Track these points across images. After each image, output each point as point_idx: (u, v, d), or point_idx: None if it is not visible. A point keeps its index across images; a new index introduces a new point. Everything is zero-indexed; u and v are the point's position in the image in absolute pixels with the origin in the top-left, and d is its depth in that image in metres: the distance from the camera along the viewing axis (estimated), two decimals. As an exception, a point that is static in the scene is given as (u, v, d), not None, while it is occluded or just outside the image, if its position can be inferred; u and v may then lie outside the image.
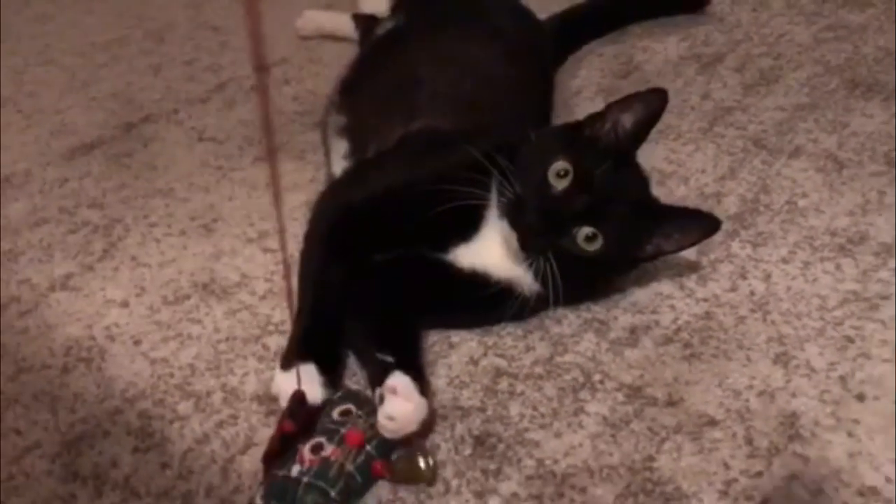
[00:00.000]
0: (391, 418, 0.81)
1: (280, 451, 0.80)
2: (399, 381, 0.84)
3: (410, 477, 0.81)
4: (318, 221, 1.05)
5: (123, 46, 1.74)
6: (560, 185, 0.92)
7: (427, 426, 0.86)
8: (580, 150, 0.94)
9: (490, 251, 0.97)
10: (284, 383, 0.86)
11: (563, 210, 0.91)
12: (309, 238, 1.04)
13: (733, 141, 1.33)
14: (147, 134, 1.43)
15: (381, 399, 0.83)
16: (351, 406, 0.85)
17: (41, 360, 1.00)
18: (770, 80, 1.48)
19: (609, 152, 0.95)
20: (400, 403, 0.82)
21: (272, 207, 1.22)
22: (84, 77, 1.63)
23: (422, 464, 0.81)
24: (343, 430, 0.81)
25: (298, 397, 0.84)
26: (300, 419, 0.83)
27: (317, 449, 0.80)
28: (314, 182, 1.28)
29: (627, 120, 0.96)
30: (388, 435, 0.81)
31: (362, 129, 1.20)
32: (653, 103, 0.98)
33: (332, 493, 0.77)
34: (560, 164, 0.92)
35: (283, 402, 0.85)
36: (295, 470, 0.78)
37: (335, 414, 0.84)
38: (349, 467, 0.79)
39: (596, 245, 0.92)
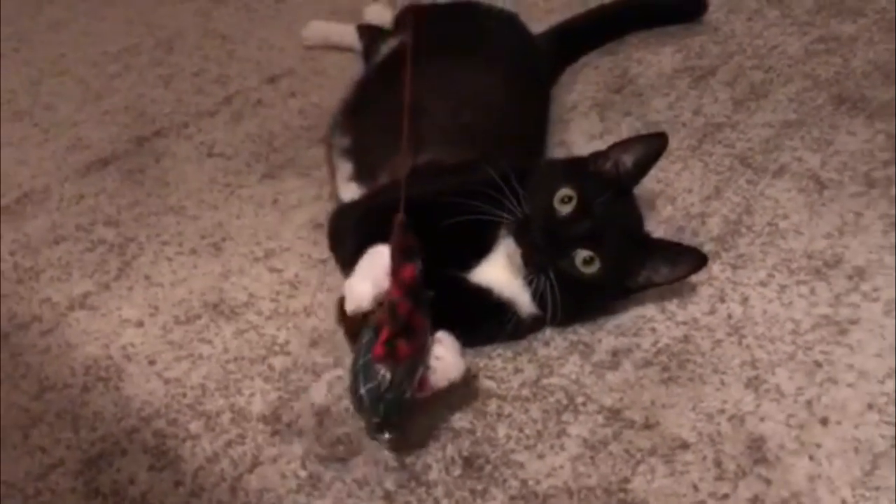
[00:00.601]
0: (437, 357, 0.90)
1: (390, 324, 0.87)
2: (445, 335, 0.93)
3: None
4: (343, 220, 1.15)
5: (134, 56, 1.80)
6: (564, 209, 1.01)
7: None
8: (584, 180, 1.04)
9: (497, 269, 1.05)
10: (359, 286, 0.93)
11: (565, 232, 1.00)
12: (337, 231, 1.16)
13: (721, 159, 1.38)
14: (159, 149, 1.50)
15: None
16: None
17: (63, 379, 1.07)
18: (760, 95, 1.53)
19: (610, 186, 1.04)
20: (443, 350, 0.91)
21: (278, 226, 1.30)
22: (97, 88, 1.69)
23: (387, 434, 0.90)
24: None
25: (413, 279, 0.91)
26: (412, 300, 0.90)
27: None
28: (319, 199, 1.34)
29: (628, 159, 1.07)
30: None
31: (367, 152, 1.26)
32: (653, 145, 1.08)
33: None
34: (565, 191, 1.01)
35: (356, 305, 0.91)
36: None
37: None
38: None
39: (593, 269, 1.00)
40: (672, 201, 1.30)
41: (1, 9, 1.99)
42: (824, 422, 0.96)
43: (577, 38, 1.67)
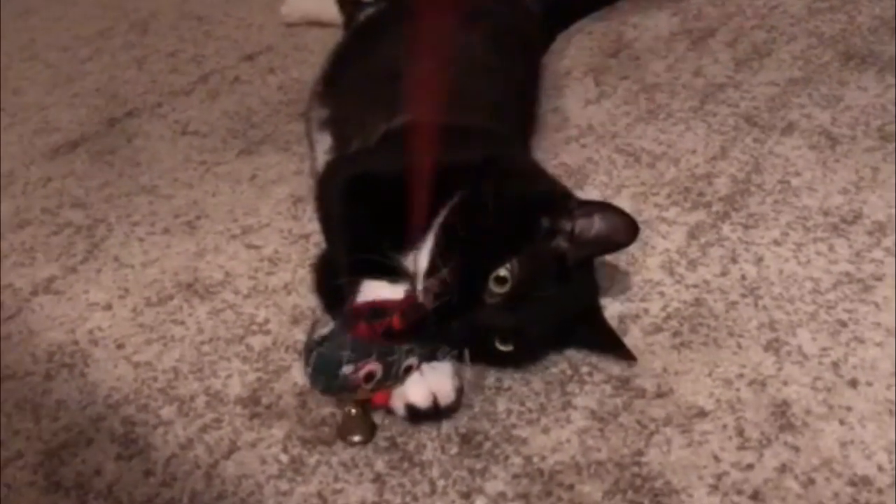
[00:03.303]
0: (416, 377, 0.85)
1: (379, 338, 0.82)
2: (443, 372, 0.87)
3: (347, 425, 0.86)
4: (330, 185, 1.04)
5: (108, 39, 1.72)
6: (495, 291, 0.84)
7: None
8: (527, 262, 0.85)
9: (424, 260, 0.90)
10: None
11: (488, 321, 0.85)
12: (325, 195, 1.05)
13: (725, 119, 1.30)
14: (130, 129, 1.42)
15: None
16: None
17: (24, 367, 0.99)
18: (763, 54, 1.45)
19: (555, 269, 0.87)
20: (427, 376, 0.86)
21: (257, 202, 1.21)
22: (68, 72, 1.61)
23: (357, 437, 0.86)
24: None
25: (409, 304, 0.85)
26: (409, 322, 0.83)
27: (369, 378, 0.82)
28: (299, 174, 1.26)
29: (588, 232, 0.87)
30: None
31: (345, 122, 1.18)
32: (620, 232, 0.86)
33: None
34: (502, 272, 0.84)
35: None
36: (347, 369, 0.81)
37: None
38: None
39: (508, 348, 0.87)
40: (675, 163, 1.22)
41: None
42: (853, 384, 0.88)
43: (568, 3, 1.59)
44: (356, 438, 0.86)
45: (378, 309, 0.85)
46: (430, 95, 1.06)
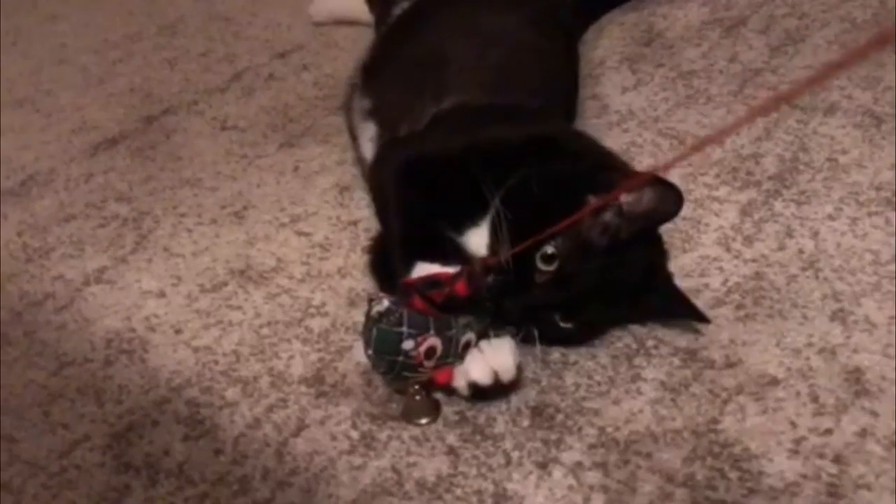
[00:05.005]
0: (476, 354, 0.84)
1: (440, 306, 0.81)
2: (503, 346, 0.86)
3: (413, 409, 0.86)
4: (385, 169, 1.05)
5: (136, 42, 1.72)
6: (543, 269, 0.85)
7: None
8: (573, 241, 0.85)
9: (483, 239, 0.91)
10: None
11: (540, 298, 0.86)
12: (381, 179, 1.05)
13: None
14: (169, 126, 1.42)
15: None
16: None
17: (83, 353, 0.98)
18: (797, 40, 1.45)
19: (601, 246, 0.86)
20: (485, 352, 0.85)
21: (302, 192, 1.21)
22: (100, 74, 1.62)
23: (425, 419, 0.85)
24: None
25: (490, 263, 0.84)
26: (474, 287, 0.82)
27: (430, 353, 0.82)
28: (342, 164, 1.26)
29: (636, 210, 0.86)
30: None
31: (390, 110, 1.18)
32: (668, 202, 0.85)
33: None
34: (548, 249, 0.84)
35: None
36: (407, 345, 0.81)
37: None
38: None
39: (568, 325, 0.88)
40: (720, 144, 1.21)
41: (-5, 3, 1.93)
42: (924, 349, 0.87)
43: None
44: (423, 420, 0.85)
45: (432, 281, 0.84)
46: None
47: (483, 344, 0.86)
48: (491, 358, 0.85)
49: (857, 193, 1.09)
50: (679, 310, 0.91)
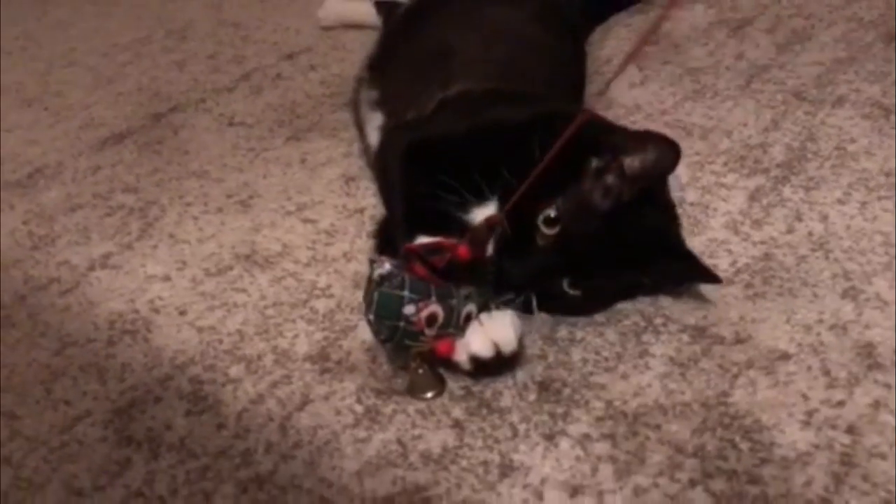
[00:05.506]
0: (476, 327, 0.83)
1: (440, 270, 0.81)
2: (503, 317, 0.84)
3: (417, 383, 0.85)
4: (390, 150, 1.04)
5: (146, 45, 1.74)
6: (546, 232, 0.85)
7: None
8: (574, 201, 0.85)
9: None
10: None
11: (544, 263, 0.86)
12: (385, 160, 1.05)
13: (773, 95, 1.30)
14: (176, 122, 1.42)
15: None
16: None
17: (85, 334, 0.98)
18: (803, 38, 1.46)
19: (603, 208, 0.86)
20: (485, 324, 0.83)
21: (309, 182, 1.21)
22: (109, 74, 1.63)
23: (430, 393, 0.84)
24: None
25: (494, 222, 0.83)
26: (479, 249, 0.81)
27: (431, 321, 0.80)
28: (349, 156, 1.26)
29: (635, 167, 0.85)
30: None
31: (397, 99, 1.18)
32: (666, 156, 0.86)
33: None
34: (549, 212, 0.84)
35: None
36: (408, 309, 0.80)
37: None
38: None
39: (576, 291, 0.88)
40: (728, 134, 1.21)
41: (6, 10, 1.95)
42: (937, 325, 0.86)
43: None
44: (428, 395, 0.85)
45: (434, 248, 0.84)
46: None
47: (483, 316, 0.84)
48: (491, 330, 0.83)
49: (866, 179, 1.08)
50: (692, 274, 0.90)
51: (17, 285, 1.07)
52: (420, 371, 0.85)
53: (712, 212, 1.06)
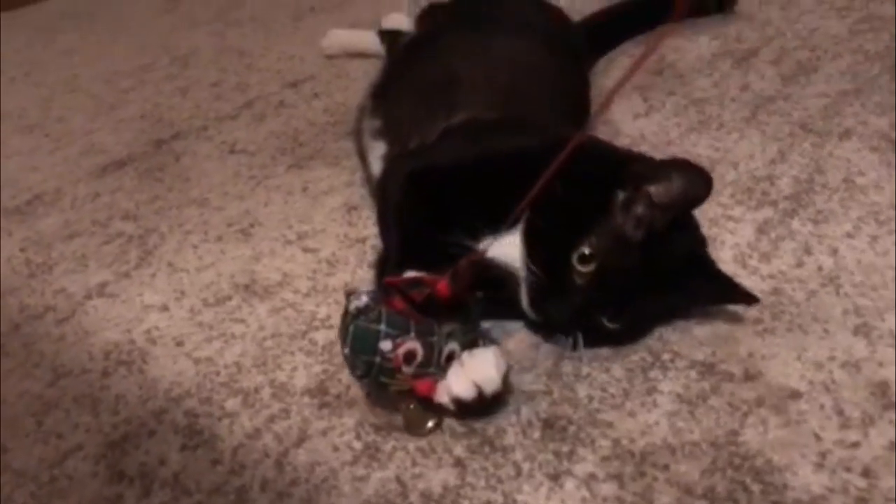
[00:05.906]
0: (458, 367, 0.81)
1: (420, 305, 0.79)
2: (489, 357, 0.82)
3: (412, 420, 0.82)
4: (392, 178, 1.03)
5: (149, 72, 1.74)
6: (582, 270, 0.84)
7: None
8: (606, 236, 0.84)
9: (515, 247, 0.89)
10: None
11: (584, 300, 0.84)
12: (386, 188, 1.03)
13: (779, 127, 1.29)
14: (177, 149, 1.41)
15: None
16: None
17: (80, 364, 0.96)
18: (809, 70, 1.45)
19: (636, 239, 0.85)
20: (467, 365, 0.81)
21: (310, 210, 1.20)
22: (111, 101, 1.62)
23: (430, 423, 0.82)
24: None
25: (475, 260, 0.82)
26: (460, 286, 0.80)
27: (409, 358, 0.78)
28: (351, 185, 1.25)
29: (663, 197, 0.84)
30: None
31: (400, 128, 1.17)
32: (697, 185, 0.84)
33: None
34: (585, 249, 0.83)
35: None
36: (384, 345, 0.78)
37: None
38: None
39: (615, 325, 0.86)
40: (734, 166, 1.20)
41: (14, 36, 1.95)
42: (953, 363, 0.84)
43: (607, 29, 1.60)
44: (429, 424, 0.82)
45: (414, 282, 0.82)
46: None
47: (465, 355, 0.82)
48: (472, 370, 0.81)
49: (876, 213, 1.07)
50: (727, 294, 0.89)
51: (12, 314, 1.05)
52: (412, 406, 0.82)
53: (720, 245, 1.04)
